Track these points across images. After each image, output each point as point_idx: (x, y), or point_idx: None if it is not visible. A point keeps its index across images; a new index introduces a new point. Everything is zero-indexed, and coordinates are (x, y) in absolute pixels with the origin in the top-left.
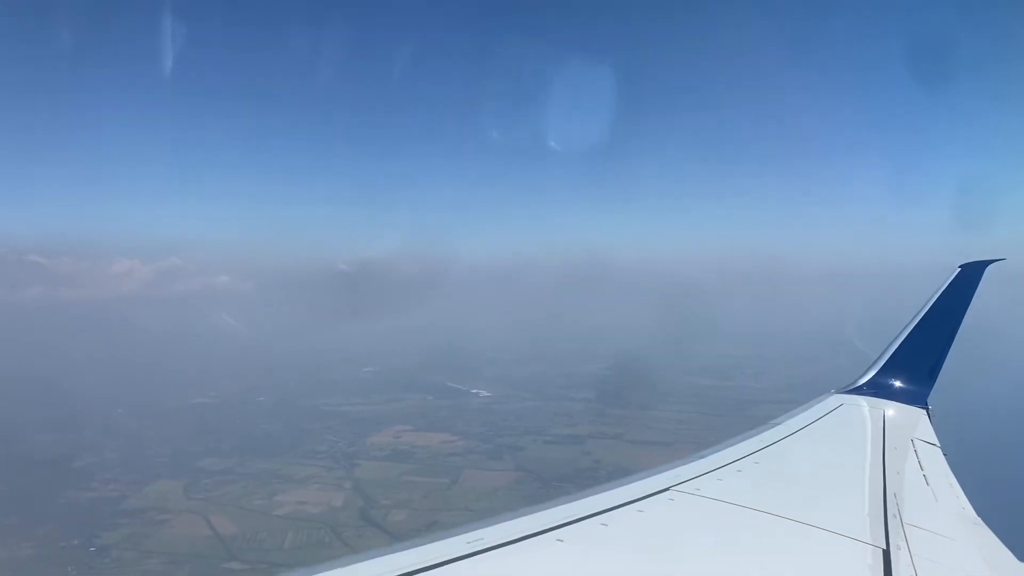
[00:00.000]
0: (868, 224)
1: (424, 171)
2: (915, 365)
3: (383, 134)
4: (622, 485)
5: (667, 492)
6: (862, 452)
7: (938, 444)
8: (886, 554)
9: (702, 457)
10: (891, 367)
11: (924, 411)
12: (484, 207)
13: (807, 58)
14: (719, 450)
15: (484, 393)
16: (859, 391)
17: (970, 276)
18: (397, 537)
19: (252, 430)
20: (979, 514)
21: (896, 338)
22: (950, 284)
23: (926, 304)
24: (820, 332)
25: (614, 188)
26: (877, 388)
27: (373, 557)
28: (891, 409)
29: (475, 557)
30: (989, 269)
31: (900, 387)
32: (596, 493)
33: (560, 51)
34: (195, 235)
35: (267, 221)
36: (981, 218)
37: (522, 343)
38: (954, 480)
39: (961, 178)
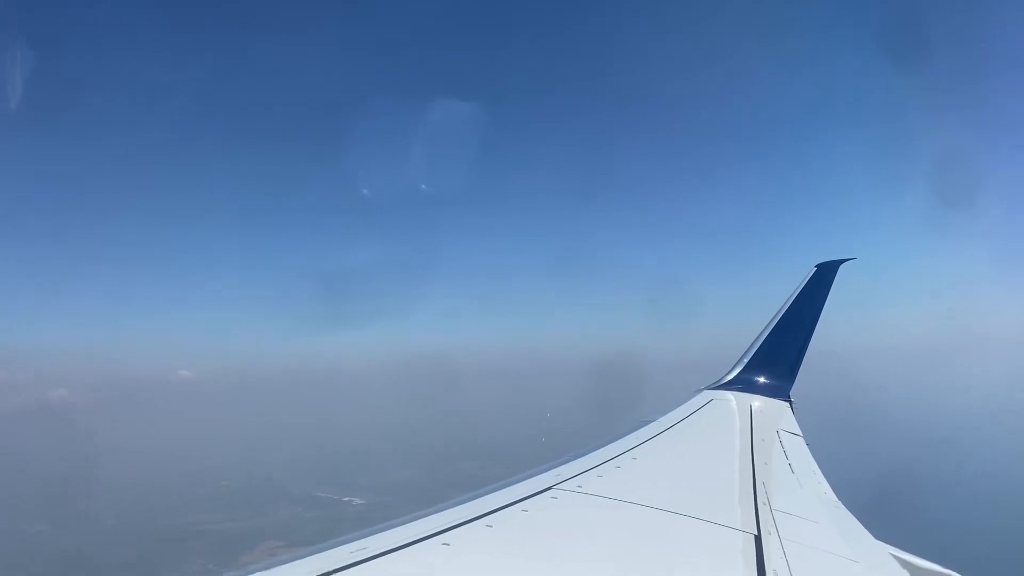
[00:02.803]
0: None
1: (272, 264)
2: (778, 360)
3: (226, 232)
4: (506, 486)
5: (550, 491)
6: (732, 444)
7: (801, 434)
8: (758, 539)
9: (582, 455)
10: (756, 363)
11: (787, 404)
12: (336, 302)
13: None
14: (598, 448)
15: (357, 501)
16: (727, 386)
17: (825, 275)
18: None
19: (108, 557)
20: (838, 497)
21: (760, 335)
22: (807, 283)
23: (786, 303)
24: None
25: (465, 280)
26: (744, 383)
27: (253, 572)
28: (757, 402)
29: (359, 567)
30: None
31: (765, 382)
32: (480, 496)
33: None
34: (24, 345)
35: (104, 328)
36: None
37: (389, 443)
38: (816, 467)
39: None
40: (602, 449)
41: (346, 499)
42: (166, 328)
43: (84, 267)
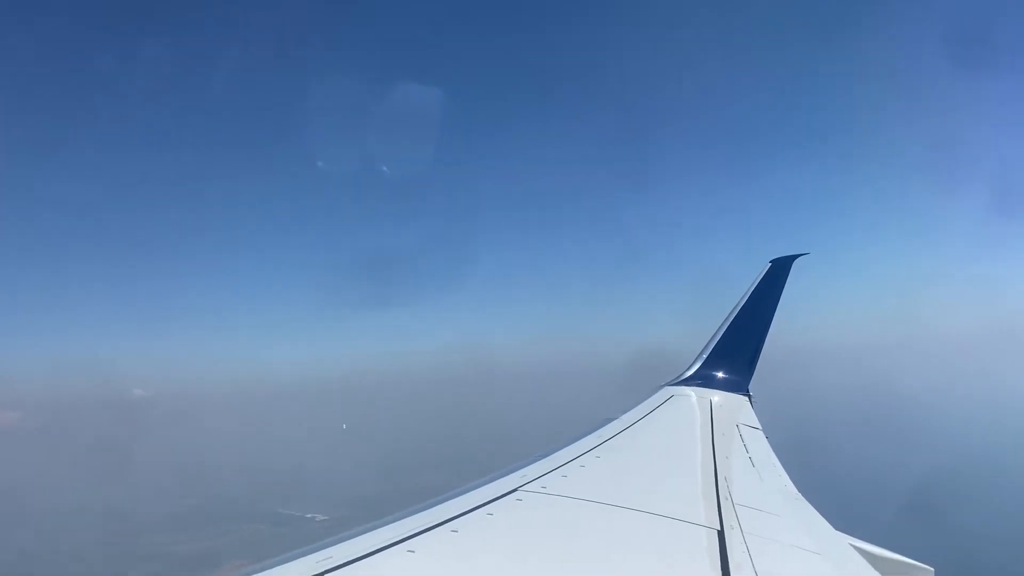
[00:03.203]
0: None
1: (229, 282)
2: (736, 355)
3: (172, 247)
4: (471, 490)
5: (515, 493)
6: (693, 440)
7: (760, 428)
8: (721, 534)
9: (546, 456)
10: (714, 358)
11: (747, 398)
12: (294, 316)
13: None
14: (562, 448)
15: (320, 517)
16: (687, 382)
17: (780, 270)
18: None
19: None
20: (799, 489)
21: (718, 331)
22: (763, 278)
23: (742, 298)
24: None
25: (442, 292)
26: (703, 379)
27: None
28: (717, 397)
29: None
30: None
31: (723, 377)
32: (445, 500)
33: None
34: None
35: (53, 349)
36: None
37: (353, 457)
38: (776, 460)
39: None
40: (566, 449)
41: (309, 515)
42: (116, 347)
43: (29, 285)
